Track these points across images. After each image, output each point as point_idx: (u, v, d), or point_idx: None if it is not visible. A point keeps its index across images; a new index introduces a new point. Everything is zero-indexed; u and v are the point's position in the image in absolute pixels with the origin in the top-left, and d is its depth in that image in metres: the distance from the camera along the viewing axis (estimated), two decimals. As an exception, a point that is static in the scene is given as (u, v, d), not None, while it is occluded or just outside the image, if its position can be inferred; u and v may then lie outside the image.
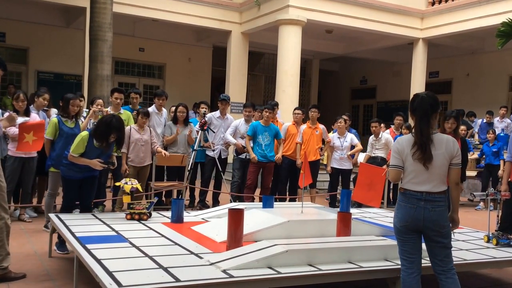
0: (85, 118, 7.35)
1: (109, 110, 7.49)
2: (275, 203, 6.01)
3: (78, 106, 6.66)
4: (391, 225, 5.73)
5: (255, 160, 8.26)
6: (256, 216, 4.89)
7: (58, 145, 6.33)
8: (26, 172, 6.93)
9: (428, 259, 3.68)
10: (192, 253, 3.98)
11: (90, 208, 5.75)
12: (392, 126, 10.55)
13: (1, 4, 13.31)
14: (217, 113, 9.04)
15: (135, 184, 5.58)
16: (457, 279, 3.56)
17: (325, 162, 9.59)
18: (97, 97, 8.39)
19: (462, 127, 11.35)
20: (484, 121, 13.36)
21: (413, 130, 3.57)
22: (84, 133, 5.40)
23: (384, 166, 8.64)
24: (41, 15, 14.40)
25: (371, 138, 9.66)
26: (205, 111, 8.70)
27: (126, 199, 5.58)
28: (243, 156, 8.50)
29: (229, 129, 8.78)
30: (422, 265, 3.65)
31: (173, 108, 8.89)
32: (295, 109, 9.36)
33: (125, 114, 7.96)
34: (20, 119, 5.99)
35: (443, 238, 3.52)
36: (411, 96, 13.76)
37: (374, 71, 20.39)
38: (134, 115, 8.10)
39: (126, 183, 5.58)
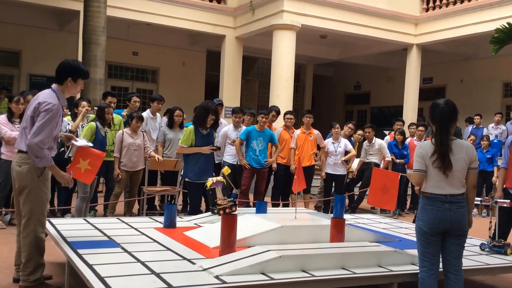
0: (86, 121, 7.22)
1: None
2: (268, 208, 5.98)
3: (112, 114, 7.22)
4: (385, 231, 5.77)
5: (247, 167, 8.20)
6: (249, 222, 4.86)
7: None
8: None
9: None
10: (184, 258, 3.95)
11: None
12: (392, 132, 10.60)
13: (-6, 7, 13.27)
14: (210, 118, 8.95)
15: (220, 178, 5.58)
16: (463, 281, 3.79)
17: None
18: (80, 99, 7.87)
19: (472, 137, 11.37)
20: (474, 126, 13.29)
21: (432, 139, 3.74)
22: (190, 127, 6.40)
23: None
24: (34, 18, 14.34)
25: (365, 143, 9.66)
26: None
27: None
28: (234, 161, 8.42)
29: (219, 139, 8.39)
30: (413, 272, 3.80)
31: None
32: (286, 113, 9.09)
33: (117, 118, 7.91)
34: (83, 142, 5.23)
35: (464, 237, 3.78)
36: (405, 101, 13.82)
37: (368, 76, 20.45)
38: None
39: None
